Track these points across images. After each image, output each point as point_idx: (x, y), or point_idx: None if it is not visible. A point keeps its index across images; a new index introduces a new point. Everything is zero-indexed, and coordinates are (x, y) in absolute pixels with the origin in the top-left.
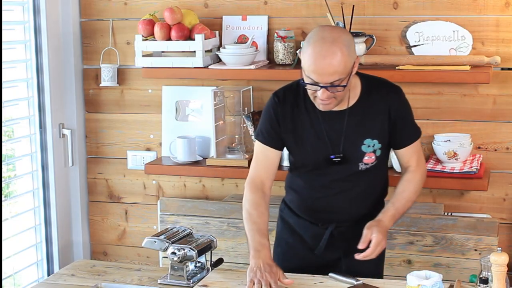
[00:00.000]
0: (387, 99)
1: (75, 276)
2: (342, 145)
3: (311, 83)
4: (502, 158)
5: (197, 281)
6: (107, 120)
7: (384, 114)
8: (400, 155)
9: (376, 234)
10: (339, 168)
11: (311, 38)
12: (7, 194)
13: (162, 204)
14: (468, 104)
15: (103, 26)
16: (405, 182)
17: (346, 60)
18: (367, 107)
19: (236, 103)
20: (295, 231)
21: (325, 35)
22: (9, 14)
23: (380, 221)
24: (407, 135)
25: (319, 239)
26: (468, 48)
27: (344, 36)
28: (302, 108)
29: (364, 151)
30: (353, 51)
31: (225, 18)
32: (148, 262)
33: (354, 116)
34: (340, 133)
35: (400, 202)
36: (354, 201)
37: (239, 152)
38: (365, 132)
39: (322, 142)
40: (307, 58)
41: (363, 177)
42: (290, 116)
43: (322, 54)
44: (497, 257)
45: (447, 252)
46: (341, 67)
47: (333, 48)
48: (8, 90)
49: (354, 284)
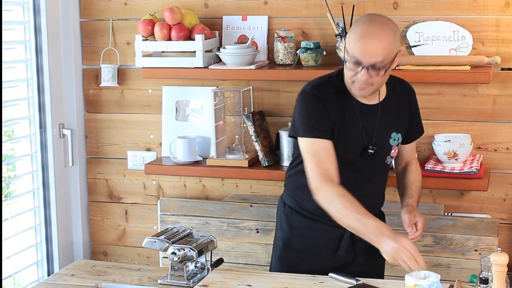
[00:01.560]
0: (408, 96)
1: (75, 276)
2: (375, 138)
3: (353, 62)
4: (502, 158)
5: (197, 281)
6: (107, 120)
7: (406, 110)
8: (406, 149)
9: (420, 217)
10: (368, 161)
11: (360, 20)
12: (7, 194)
13: (162, 204)
14: (468, 104)
15: (103, 26)
16: (413, 172)
17: (392, 45)
18: (394, 102)
19: (236, 103)
20: (307, 236)
21: (375, 18)
22: (9, 14)
23: (413, 206)
24: (418, 130)
25: (336, 241)
26: (468, 48)
27: (392, 25)
28: (339, 101)
29: (392, 144)
30: (398, 40)
31: (225, 18)
32: (148, 262)
33: (386, 110)
34: (373, 127)
35: (418, 190)
36: (373, 196)
37: (239, 152)
38: (393, 126)
39: (358, 134)
40: (354, 37)
41: (382, 171)
42: (331, 108)
43: (371, 33)
44: (497, 257)
45: (447, 252)
46: (386, 50)
47: (382, 30)
48: (8, 90)
49: (354, 284)
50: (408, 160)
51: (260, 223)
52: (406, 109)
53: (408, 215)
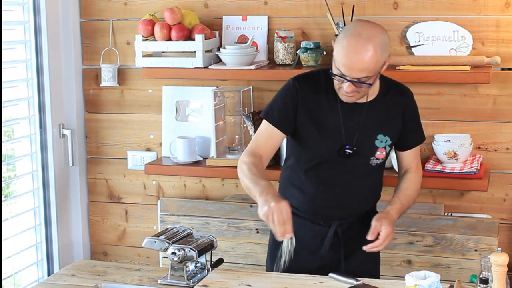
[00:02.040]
0: (403, 100)
1: (75, 276)
2: (356, 137)
3: (339, 74)
4: (502, 158)
5: (197, 281)
6: (107, 120)
7: (399, 114)
8: (404, 157)
9: (386, 226)
10: (350, 161)
11: (348, 31)
12: (7, 194)
13: (162, 204)
14: (468, 104)
15: (103, 26)
16: (407, 180)
17: (378, 59)
18: (384, 105)
19: (236, 103)
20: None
21: (362, 31)
22: (9, 14)
23: (389, 213)
24: (414, 138)
25: (320, 239)
26: (468, 48)
27: (381, 36)
28: (322, 97)
29: (377, 145)
30: (386, 51)
31: (225, 18)
32: (148, 262)
33: (372, 111)
34: (356, 126)
35: (405, 198)
36: (360, 196)
37: (239, 152)
38: (380, 128)
39: (337, 132)
40: (340, 50)
41: (370, 172)
42: (308, 103)
43: (356, 50)
44: (497, 257)
45: (447, 252)
46: (371, 66)
47: (367, 46)
48: (8, 90)
49: (354, 284)
50: (407, 168)
51: (260, 223)
52: (398, 113)
53: (375, 222)
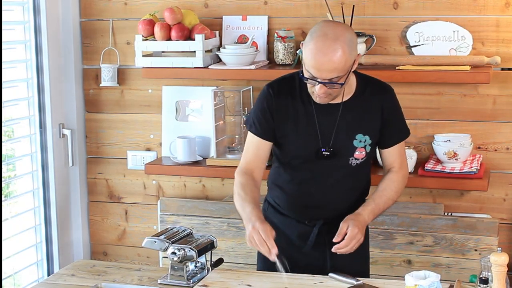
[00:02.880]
0: (380, 97)
1: (75, 276)
2: (333, 139)
3: (309, 77)
4: (502, 158)
5: (197, 281)
6: (107, 120)
7: (377, 112)
8: (386, 155)
9: (352, 228)
10: (329, 162)
11: (314, 33)
12: (7, 194)
13: (162, 204)
14: (468, 104)
15: (103, 26)
16: (387, 180)
17: (347, 58)
18: (361, 103)
19: (236, 103)
20: (280, 231)
21: (328, 31)
22: (9, 14)
23: (359, 215)
24: (395, 134)
25: (306, 238)
26: (468, 48)
27: (347, 34)
28: (296, 100)
29: (356, 145)
30: (354, 49)
31: (225, 18)
32: (148, 262)
33: (348, 110)
34: (332, 127)
35: (381, 199)
36: (341, 196)
37: (239, 152)
38: (358, 127)
39: (313, 134)
40: (308, 53)
41: (351, 172)
42: (283, 107)
43: (323, 51)
44: (497, 257)
45: (447, 252)
46: (340, 65)
47: (334, 46)
48: (8, 90)
49: (354, 284)
50: (390, 168)
51: None
52: (376, 111)
53: (342, 224)
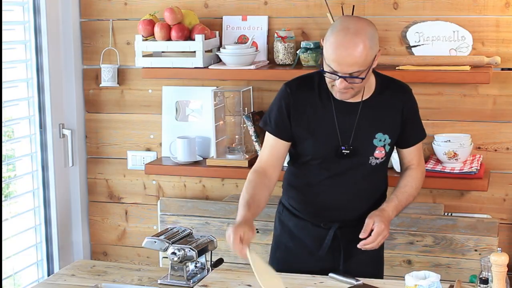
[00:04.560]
0: (401, 97)
1: (75, 276)
2: (352, 137)
3: (330, 71)
4: (502, 158)
5: (197, 281)
6: (107, 120)
7: (397, 112)
8: (404, 154)
9: (378, 223)
10: (348, 161)
11: (335, 27)
12: (7, 194)
13: (162, 204)
14: (468, 104)
15: (103, 26)
16: (407, 177)
17: (368, 52)
18: (380, 102)
19: (236, 103)
20: (294, 234)
21: (350, 25)
22: (9, 14)
23: (383, 211)
24: (415, 134)
25: (320, 241)
26: (468, 49)
27: (369, 28)
28: (315, 98)
29: (376, 144)
30: (375, 44)
31: (225, 18)
32: (148, 262)
33: (368, 109)
34: (351, 125)
35: (403, 195)
36: (358, 198)
37: (239, 152)
38: (378, 126)
39: (333, 133)
40: (329, 47)
41: (369, 173)
42: (302, 107)
43: (344, 45)
44: (497, 257)
45: (447, 253)
46: (361, 59)
47: (355, 40)
48: (8, 90)
49: (354, 284)
50: (409, 165)
51: (260, 223)
52: (397, 110)
53: (368, 220)
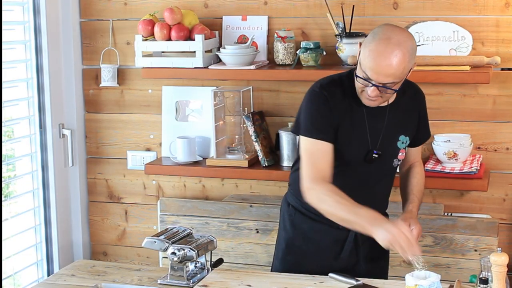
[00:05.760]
0: (418, 99)
1: (75, 276)
2: (380, 141)
3: (364, 78)
4: (502, 159)
5: (197, 281)
6: (107, 120)
7: (415, 113)
8: (412, 152)
9: (416, 225)
10: (374, 165)
11: (377, 34)
12: (7, 194)
13: (162, 204)
14: (468, 104)
15: (103, 26)
16: (416, 175)
17: (405, 65)
18: (403, 105)
19: (236, 103)
20: (309, 237)
21: (392, 35)
22: (9, 14)
23: (412, 212)
24: (425, 134)
25: (339, 243)
26: (468, 49)
27: (410, 42)
28: (347, 102)
29: (399, 147)
30: (413, 58)
31: (225, 18)
32: (148, 262)
33: (393, 112)
34: (380, 129)
35: (420, 194)
36: (379, 198)
37: (239, 153)
38: (401, 129)
39: (364, 137)
40: (368, 54)
41: (389, 174)
42: (338, 109)
43: (385, 55)
44: (497, 257)
45: (447, 252)
46: (399, 71)
47: (396, 51)
48: (8, 90)
49: (354, 284)
50: (413, 162)
51: (260, 223)
52: (415, 112)
53: (404, 223)
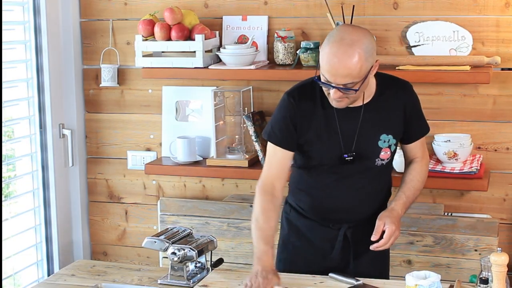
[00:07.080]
0: (401, 95)
1: (75, 276)
2: (355, 142)
3: (324, 81)
4: (502, 158)
5: (197, 281)
6: (107, 120)
7: (399, 110)
8: (409, 149)
9: (389, 225)
10: (354, 165)
11: (332, 37)
12: (7, 194)
13: (162, 204)
14: (468, 104)
15: (103, 26)
16: (412, 171)
17: (362, 64)
18: (382, 104)
19: (236, 103)
20: (302, 234)
21: (345, 36)
22: (9, 14)
23: (393, 210)
24: (419, 130)
25: (329, 241)
26: (468, 48)
27: (365, 40)
28: (318, 106)
29: (381, 146)
30: (371, 56)
31: (225, 18)
32: (148, 262)
33: (370, 112)
34: (354, 130)
35: (410, 191)
36: (366, 199)
37: (239, 152)
38: (381, 128)
39: (336, 140)
40: (323, 57)
41: (375, 174)
42: (306, 115)
43: (338, 56)
44: (497, 257)
45: (447, 252)
46: (355, 71)
47: (349, 51)
48: (8, 90)
49: (354, 284)
50: (413, 158)
51: None
52: (399, 109)
53: (378, 221)
